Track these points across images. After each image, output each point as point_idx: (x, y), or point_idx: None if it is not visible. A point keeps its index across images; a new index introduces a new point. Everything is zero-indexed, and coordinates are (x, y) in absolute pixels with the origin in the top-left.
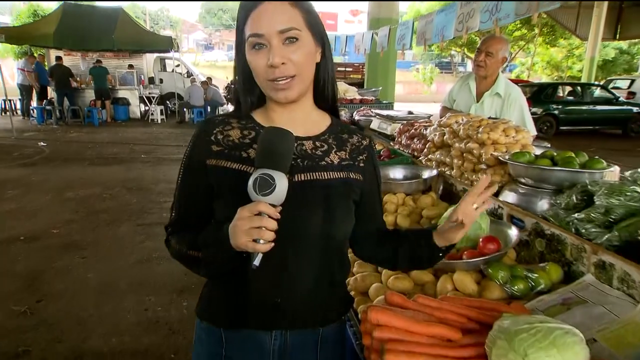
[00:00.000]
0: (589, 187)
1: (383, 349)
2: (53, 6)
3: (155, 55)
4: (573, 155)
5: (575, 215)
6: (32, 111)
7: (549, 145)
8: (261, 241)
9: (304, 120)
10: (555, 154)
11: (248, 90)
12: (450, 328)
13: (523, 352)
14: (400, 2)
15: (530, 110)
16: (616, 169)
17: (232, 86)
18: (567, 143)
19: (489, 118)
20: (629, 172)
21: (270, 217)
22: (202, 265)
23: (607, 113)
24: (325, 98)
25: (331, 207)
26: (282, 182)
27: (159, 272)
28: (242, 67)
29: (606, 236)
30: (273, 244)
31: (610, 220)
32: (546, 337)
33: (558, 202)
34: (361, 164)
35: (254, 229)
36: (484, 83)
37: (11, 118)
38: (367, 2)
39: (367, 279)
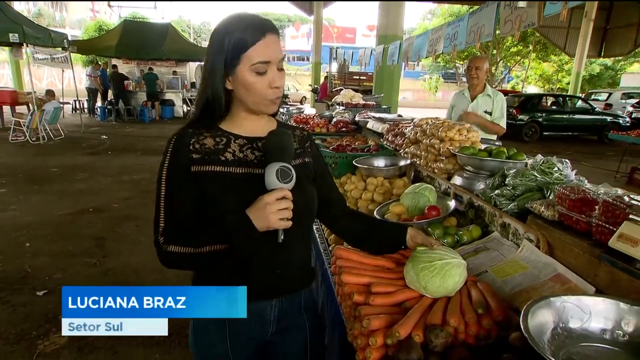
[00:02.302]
0: (505, 172)
1: (341, 271)
2: (116, 22)
3: (197, 63)
4: (504, 150)
5: (495, 191)
6: (96, 110)
7: (499, 144)
8: (286, 219)
9: (262, 124)
10: (493, 149)
11: (220, 105)
12: (389, 261)
13: (417, 268)
14: (409, 20)
15: (517, 117)
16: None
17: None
18: (547, 146)
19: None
20: (531, 160)
21: (288, 199)
22: (222, 256)
23: (585, 122)
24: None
25: (303, 187)
26: (294, 172)
27: None
28: (218, 88)
29: (510, 205)
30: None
31: (515, 195)
32: (433, 259)
33: (488, 183)
34: (309, 149)
35: (282, 210)
36: (476, 89)
37: (80, 115)
38: (377, 19)
39: None
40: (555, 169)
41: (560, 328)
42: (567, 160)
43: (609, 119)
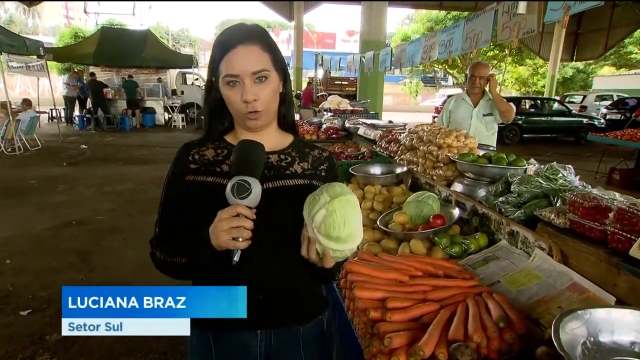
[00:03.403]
0: (509, 178)
1: (353, 286)
2: (92, 29)
3: (178, 70)
4: (504, 156)
5: (499, 198)
6: (74, 119)
7: (493, 149)
8: (240, 239)
9: (268, 139)
10: (492, 155)
11: (219, 118)
12: (402, 274)
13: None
14: (389, 25)
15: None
16: (535, 165)
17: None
18: (527, 149)
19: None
20: (535, 167)
21: (246, 217)
22: (187, 269)
23: (562, 124)
24: (286, 121)
25: (299, 210)
26: (256, 187)
27: None
28: (213, 99)
29: (517, 213)
30: (250, 241)
31: (521, 202)
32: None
33: (490, 190)
34: (322, 173)
35: (233, 228)
36: (478, 95)
37: (58, 125)
38: (360, 25)
39: None
40: (560, 175)
41: (589, 342)
42: (570, 166)
43: (585, 120)
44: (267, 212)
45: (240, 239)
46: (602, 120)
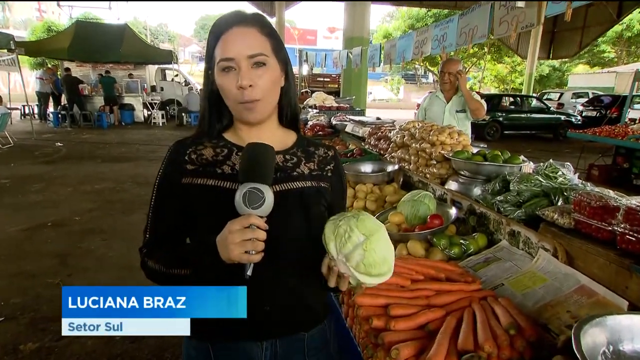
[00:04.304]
0: (507, 177)
1: (353, 292)
2: (66, 23)
3: (157, 66)
4: (499, 153)
5: (498, 197)
6: (48, 115)
7: (485, 146)
8: (253, 252)
9: (270, 137)
10: (486, 152)
11: (218, 113)
12: (403, 278)
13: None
14: (370, 22)
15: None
16: (530, 163)
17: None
18: (509, 145)
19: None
20: (534, 165)
21: (259, 228)
22: (186, 280)
23: (541, 120)
24: (288, 118)
25: (308, 214)
26: (269, 195)
27: None
28: (211, 92)
29: (517, 212)
30: (263, 253)
31: (520, 201)
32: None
33: (487, 188)
34: (329, 174)
35: (247, 241)
36: (450, 92)
37: (31, 121)
38: (343, 22)
39: None
40: (559, 173)
41: (609, 351)
42: (569, 163)
43: (562, 117)
44: (276, 217)
45: (253, 252)
46: (579, 117)
